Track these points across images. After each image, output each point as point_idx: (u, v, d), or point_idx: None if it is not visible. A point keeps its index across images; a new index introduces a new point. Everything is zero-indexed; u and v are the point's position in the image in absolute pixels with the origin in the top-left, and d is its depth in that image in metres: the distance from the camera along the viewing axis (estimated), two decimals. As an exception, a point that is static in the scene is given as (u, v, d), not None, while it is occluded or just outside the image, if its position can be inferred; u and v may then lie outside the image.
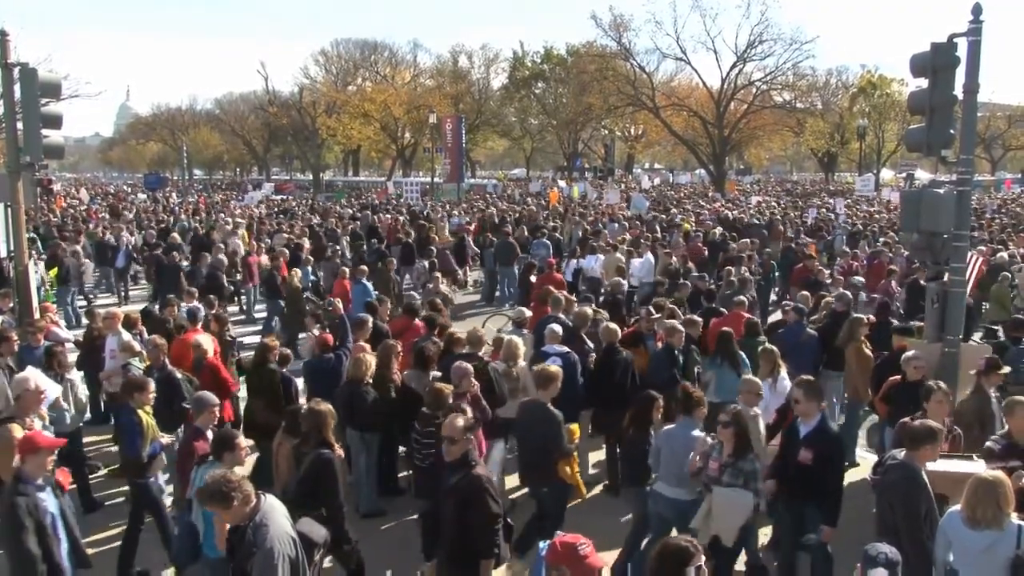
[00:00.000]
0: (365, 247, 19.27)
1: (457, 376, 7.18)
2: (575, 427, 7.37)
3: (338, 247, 19.55)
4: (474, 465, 5.22)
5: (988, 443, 5.98)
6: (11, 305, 11.14)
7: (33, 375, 6.86)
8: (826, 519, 5.89)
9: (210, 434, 6.14)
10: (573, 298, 11.50)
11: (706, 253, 18.02)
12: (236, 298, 18.01)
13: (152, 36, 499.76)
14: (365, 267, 14.59)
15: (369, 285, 13.97)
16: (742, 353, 8.79)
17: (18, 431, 5.95)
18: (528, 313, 10.66)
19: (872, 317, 10.00)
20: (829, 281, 14.21)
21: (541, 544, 4.60)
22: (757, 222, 23.86)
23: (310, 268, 16.16)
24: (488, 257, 19.10)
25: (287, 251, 16.74)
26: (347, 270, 14.46)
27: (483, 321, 13.99)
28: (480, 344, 8.38)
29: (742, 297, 10.91)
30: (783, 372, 8.11)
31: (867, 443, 9.50)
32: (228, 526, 4.56)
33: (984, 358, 7.36)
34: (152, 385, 6.83)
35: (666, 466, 6.18)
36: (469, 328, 8.96)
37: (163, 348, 8.15)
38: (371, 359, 7.81)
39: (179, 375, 7.98)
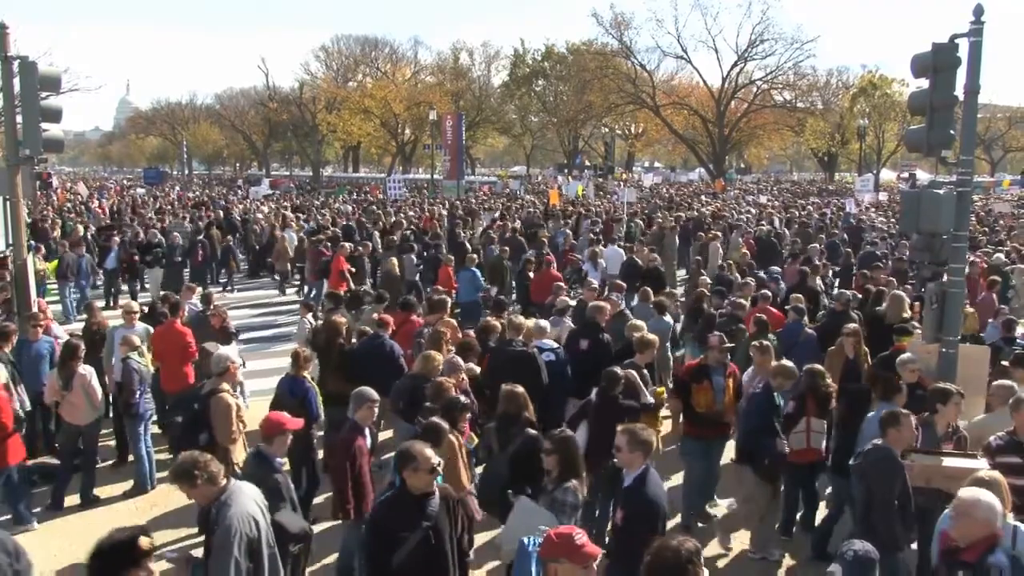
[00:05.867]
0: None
1: (448, 369, 7.33)
2: (661, 389, 7.94)
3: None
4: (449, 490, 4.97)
5: (990, 439, 6.02)
6: (7, 297, 11.16)
7: (231, 351, 7.70)
8: None
9: (367, 431, 6.24)
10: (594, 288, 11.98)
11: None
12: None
13: (152, 30, 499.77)
14: (474, 255, 15.23)
15: (478, 272, 14.50)
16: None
17: (229, 399, 6.86)
18: (571, 302, 10.81)
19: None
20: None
21: (525, 540, 4.58)
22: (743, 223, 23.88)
23: (365, 259, 16.51)
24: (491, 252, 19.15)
25: (346, 246, 16.91)
26: (452, 257, 15.14)
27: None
28: (519, 332, 8.55)
29: (765, 291, 11.30)
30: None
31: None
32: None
33: (1016, 352, 7.73)
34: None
35: None
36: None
37: None
38: (440, 356, 7.70)
39: None
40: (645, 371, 7.84)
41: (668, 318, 10.67)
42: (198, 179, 75.29)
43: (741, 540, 7.45)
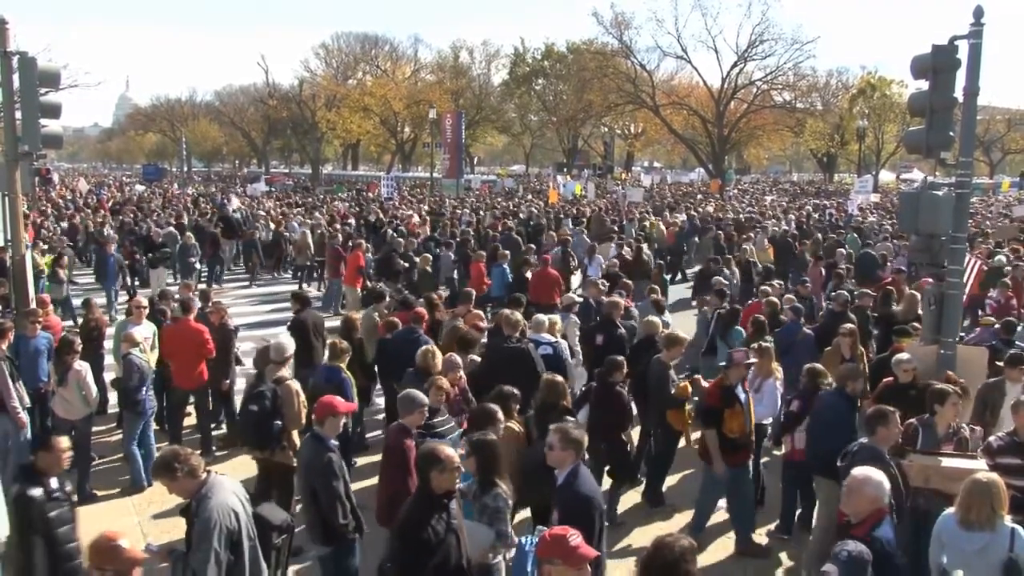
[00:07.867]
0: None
1: (446, 367, 7.37)
2: (686, 383, 8.06)
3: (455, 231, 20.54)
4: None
5: (990, 439, 6.02)
6: (5, 293, 11.16)
7: (287, 341, 7.91)
8: None
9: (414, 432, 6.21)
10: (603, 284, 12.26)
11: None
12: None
13: (152, 28, 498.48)
14: (506, 252, 15.41)
15: (507, 268, 14.76)
16: (740, 328, 9.82)
17: (294, 384, 7.14)
18: (577, 298, 10.86)
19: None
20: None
21: (523, 539, 4.63)
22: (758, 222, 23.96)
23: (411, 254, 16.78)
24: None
25: (363, 242, 17.25)
26: (483, 253, 15.43)
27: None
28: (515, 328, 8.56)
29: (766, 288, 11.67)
30: (778, 375, 8.20)
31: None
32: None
33: (1011, 352, 7.76)
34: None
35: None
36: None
37: None
38: (440, 353, 7.74)
39: None
40: (671, 370, 8.01)
41: (666, 316, 10.74)
42: (196, 176, 75.23)
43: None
